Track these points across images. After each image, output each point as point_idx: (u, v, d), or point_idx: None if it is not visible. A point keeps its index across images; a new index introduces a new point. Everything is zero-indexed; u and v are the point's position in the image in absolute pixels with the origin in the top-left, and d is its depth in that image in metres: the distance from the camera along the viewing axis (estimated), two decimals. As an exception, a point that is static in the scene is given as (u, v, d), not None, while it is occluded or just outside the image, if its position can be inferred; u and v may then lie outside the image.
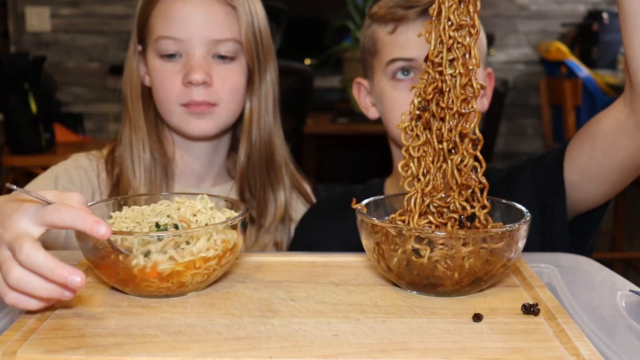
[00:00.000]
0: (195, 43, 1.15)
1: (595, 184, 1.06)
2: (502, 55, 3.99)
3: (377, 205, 0.90)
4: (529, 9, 3.99)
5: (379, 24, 1.20)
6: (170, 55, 1.17)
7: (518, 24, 4.01)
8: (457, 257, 0.76)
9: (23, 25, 3.98)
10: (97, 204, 0.89)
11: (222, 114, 1.19)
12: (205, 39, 1.16)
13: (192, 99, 1.16)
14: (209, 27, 1.16)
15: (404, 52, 1.16)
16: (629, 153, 1.00)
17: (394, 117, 1.18)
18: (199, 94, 1.16)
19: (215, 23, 1.17)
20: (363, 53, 1.26)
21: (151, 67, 1.19)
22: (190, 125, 1.18)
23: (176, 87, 1.17)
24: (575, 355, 0.65)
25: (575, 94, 3.25)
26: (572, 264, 0.96)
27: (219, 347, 0.67)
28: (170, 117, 1.20)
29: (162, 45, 1.17)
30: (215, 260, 0.80)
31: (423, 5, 1.14)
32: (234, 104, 1.20)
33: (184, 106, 1.17)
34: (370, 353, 0.66)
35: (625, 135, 0.98)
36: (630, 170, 1.03)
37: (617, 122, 0.99)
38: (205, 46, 1.16)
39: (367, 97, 1.27)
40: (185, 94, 1.16)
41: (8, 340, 0.68)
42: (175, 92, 1.17)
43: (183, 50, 1.17)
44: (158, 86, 1.19)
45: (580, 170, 1.06)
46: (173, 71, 1.17)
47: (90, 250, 0.79)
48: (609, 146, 1.01)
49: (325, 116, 3.40)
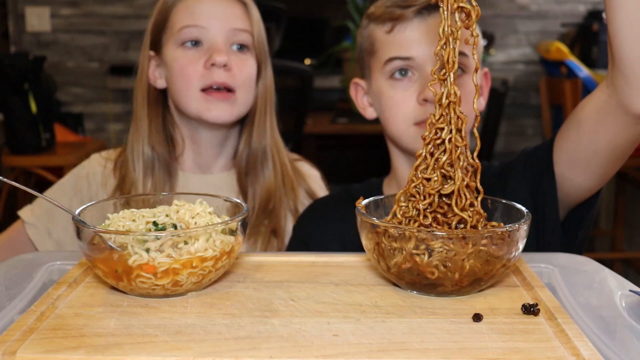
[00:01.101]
0: (216, 31, 1.25)
1: (584, 170, 1.07)
2: (502, 55, 3.99)
3: (377, 205, 0.90)
4: (529, 9, 3.99)
5: (376, 23, 1.20)
6: (193, 43, 1.25)
7: (518, 24, 4.01)
8: (457, 258, 0.76)
9: (23, 25, 3.99)
10: (97, 204, 0.89)
11: (239, 101, 1.27)
12: (226, 27, 1.26)
13: (214, 80, 1.24)
14: (228, 18, 1.27)
15: (401, 51, 1.16)
16: (613, 134, 1.00)
17: (392, 116, 1.19)
18: (220, 76, 1.24)
19: (234, 15, 1.27)
20: (360, 53, 1.26)
21: (171, 58, 1.27)
22: (209, 112, 1.25)
23: (197, 71, 1.25)
24: (575, 355, 0.65)
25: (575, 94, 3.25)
26: (572, 264, 0.96)
27: (219, 347, 0.67)
28: (189, 104, 1.26)
29: (186, 34, 1.25)
30: (212, 262, 0.80)
31: (420, 4, 1.15)
32: (249, 93, 1.29)
33: (204, 92, 1.25)
34: (370, 353, 0.66)
35: (608, 116, 0.99)
36: (617, 153, 1.03)
37: (600, 103, 1.00)
38: (225, 34, 1.26)
39: (364, 97, 1.28)
40: (207, 76, 1.24)
41: (8, 340, 0.68)
42: (196, 76, 1.25)
43: (205, 38, 1.26)
44: (178, 72, 1.26)
45: (568, 158, 1.07)
46: (195, 57, 1.25)
47: (88, 248, 0.80)
48: (593, 129, 1.01)
49: (325, 116, 3.40)
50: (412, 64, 1.16)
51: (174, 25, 1.27)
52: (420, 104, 1.15)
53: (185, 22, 1.25)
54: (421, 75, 1.15)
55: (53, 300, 0.78)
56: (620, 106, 0.96)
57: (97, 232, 0.79)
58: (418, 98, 1.15)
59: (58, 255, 1.01)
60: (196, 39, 1.26)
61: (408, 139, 1.18)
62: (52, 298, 0.78)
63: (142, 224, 0.85)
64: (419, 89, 1.15)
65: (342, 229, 1.22)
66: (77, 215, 0.83)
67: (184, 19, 1.26)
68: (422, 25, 1.15)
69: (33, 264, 0.95)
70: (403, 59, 1.16)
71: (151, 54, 1.31)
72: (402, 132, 1.18)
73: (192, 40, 1.26)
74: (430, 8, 1.15)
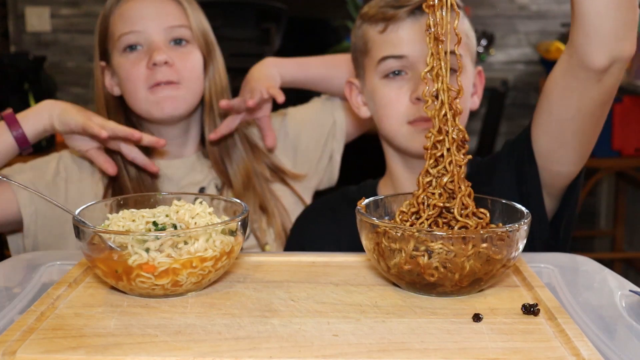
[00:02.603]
0: (152, 31, 1.29)
1: (560, 145, 1.07)
2: (502, 55, 3.99)
3: (377, 205, 0.90)
4: (529, 9, 3.99)
5: (369, 23, 1.21)
6: (132, 48, 1.30)
7: (518, 24, 4.00)
8: (457, 259, 0.76)
9: (23, 25, 3.98)
10: (97, 204, 0.89)
11: (186, 93, 1.31)
12: (161, 26, 1.30)
13: (157, 79, 1.28)
14: (162, 17, 1.30)
15: (394, 50, 1.17)
16: (579, 96, 1.00)
17: (386, 115, 1.20)
18: (163, 74, 1.28)
19: (168, 13, 1.31)
20: (354, 53, 1.27)
21: (117, 66, 1.32)
22: (159, 107, 1.29)
23: (141, 72, 1.28)
24: (575, 355, 0.65)
25: (575, 94, 3.24)
26: (572, 264, 0.96)
27: (219, 347, 0.67)
28: (139, 105, 1.31)
29: (124, 40, 1.30)
30: (212, 262, 0.80)
31: (413, 4, 1.16)
32: (195, 83, 1.32)
33: (150, 90, 1.29)
34: (370, 353, 0.66)
35: (571, 77, 0.99)
36: (587, 119, 1.02)
37: (563, 66, 1.00)
38: (161, 33, 1.30)
39: (358, 97, 1.29)
40: (151, 77, 1.28)
41: (8, 340, 0.68)
42: (141, 78, 1.28)
43: (143, 40, 1.30)
44: (125, 77, 1.30)
45: (544, 133, 1.07)
46: (136, 60, 1.29)
47: (88, 247, 0.80)
48: (561, 95, 1.02)
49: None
50: (405, 63, 1.17)
51: (114, 34, 1.31)
52: (413, 103, 1.16)
53: (122, 30, 1.30)
54: (414, 74, 1.16)
55: (53, 300, 0.78)
56: (580, 64, 0.96)
57: (97, 232, 0.79)
58: (411, 97, 1.16)
59: (58, 255, 1.01)
60: (135, 43, 1.30)
61: (402, 138, 1.19)
62: (52, 298, 0.78)
63: (142, 224, 0.85)
64: (412, 88, 1.16)
65: (337, 231, 1.23)
66: (77, 215, 0.83)
67: (121, 27, 1.30)
68: (414, 25, 1.16)
69: (33, 264, 0.95)
70: (396, 58, 1.17)
71: (102, 64, 1.35)
72: (395, 131, 1.19)
73: (131, 45, 1.30)
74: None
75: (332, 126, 1.45)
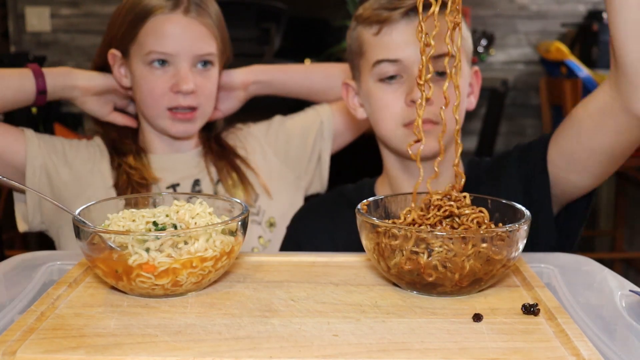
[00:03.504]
0: (182, 57, 1.32)
1: (582, 170, 1.07)
2: (502, 55, 3.99)
3: (377, 205, 0.90)
4: (529, 9, 3.99)
5: (364, 25, 1.21)
6: (160, 62, 1.33)
7: (518, 24, 4.00)
8: (457, 258, 0.76)
9: (23, 25, 3.98)
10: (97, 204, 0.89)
11: (201, 117, 1.37)
12: (192, 53, 1.33)
13: (179, 103, 1.33)
14: (194, 44, 1.33)
15: (388, 54, 1.17)
16: (615, 135, 1.00)
17: (381, 118, 1.20)
18: (186, 100, 1.33)
19: (198, 40, 1.34)
20: (350, 54, 1.27)
21: (139, 75, 1.34)
22: (174, 128, 1.35)
23: (165, 93, 1.33)
24: (575, 355, 0.65)
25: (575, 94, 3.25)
26: (572, 264, 0.96)
27: (219, 347, 0.67)
28: (156, 120, 1.36)
29: (153, 56, 1.32)
30: (212, 262, 0.80)
31: (407, 7, 1.15)
32: (210, 107, 1.38)
33: (170, 111, 1.34)
34: (370, 353, 0.66)
35: (610, 117, 0.99)
36: (617, 154, 1.03)
37: (602, 104, 1.00)
38: (190, 60, 1.33)
39: (355, 98, 1.28)
40: (173, 99, 1.33)
41: (8, 340, 0.68)
42: (163, 98, 1.33)
43: (171, 61, 1.33)
44: (147, 92, 1.34)
45: (565, 157, 1.07)
46: (162, 79, 1.33)
47: (88, 247, 0.80)
48: (594, 129, 1.02)
49: (325, 116, 3.39)
50: (399, 67, 1.16)
51: (142, 46, 1.32)
52: (408, 105, 1.15)
53: (153, 47, 1.31)
54: (409, 77, 1.16)
55: (53, 300, 0.78)
56: (622, 108, 0.96)
57: (97, 232, 0.79)
58: (406, 99, 1.16)
59: (58, 255, 1.01)
60: (163, 60, 1.33)
61: (397, 140, 1.19)
62: (52, 298, 0.78)
63: (142, 224, 0.85)
64: (407, 90, 1.16)
65: (333, 230, 1.23)
66: (77, 215, 0.83)
67: (152, 44, 1.31)
68: (409, 27, 1.15)
69: (33, 264, 0.95)
70: (391, 62, 1.16)
71: (116, 54, 1.36)
72: (391, 134, 1.19)
73: (159, 60, 1.32)
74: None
75: (320, 126, 1.47)
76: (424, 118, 1.12)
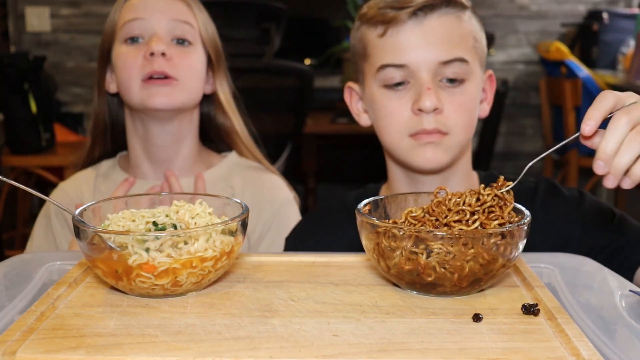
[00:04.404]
0: (156, 23, 1.28)
1: None
2: (502, 55, 3.99)
3: (377, 205, 0.90)
4: (529, 9, 3.99)
5: (368, 25, 1.13)
6: (134, 39, 1.29)
7: (518, 24, 4.01)
8: (456, 258, 0.76)
9: (23, 25, 3.99)
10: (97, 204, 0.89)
11: (181, 90, 1.29)
12: (165, 18, 1.29)
13: (153, 69, 1.26)
14: (168, 9, 1.30)
15: (394, 58, 1.09)
16: None
17: (386, 127, 1.12)
18: (160, 64, 1.26)
19: (174, 8, 1.30)
20: (354, 56, 1.19)
21: (116, 55, 1.31)
22: (150, 98, 1.27)
23: (137, 62, 1.27)
24: (575, 355, 0.65)
25: (575, 94, 3.25)
26: (572, 264, 0.96)
27: (219, 347, 0.67)
28: (132, 95, 1.29)
29: (127, 28, 1.29)
30: (212, 262, 0.80)
31: (415, 6, 1.08)
32: (192, 81, 1.31)
33: (145, 82, 1.27)
34: (370, 353, 0.66)
35: None
36: None
37: None
38: (165, 26, 1.29)
39: (359, 103, 1.21)
40: (147, 66, 1.26)
41: (8, 340, 0.68)
42: (137, 67, 1.27)
43: (146, 32, 1.29)
44: (121, 66, 1.29)
45: None
46: (136, 52, 1.28)
47: (87, 247, 0.80)
48: None
49: (325, 116, 3.40)
50: (406, 72, 1.09)
51: (118, 24, 1.31)
52: (415, 114, 1.09)
53: (127, 17, 1.29)
54: (416, 83, 1.09)
55: (53, 300, 0.78)
56: None
57: (97, 232, 0.79)
58: (412, 108, 1.08)
59: (58, 255, 1.01)
60: (137, 35, 1.29)
61: (402, 151, 1.12)
62: (52, 298, 0.78)
63: (142, 224, 0.85)
64: (414, 98, 1.08)
65: (334, 242, 1.16)
66: (77, 215, 0.83)
67: (126, 14, 1.30)
68: (417, 29, 1.08)
69: (33, 264, 0.95)
70: (396, 67, 1.09)
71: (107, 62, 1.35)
72: (396, 144, 1.12)
73: (134, 36, 1.29)
74: (426, 9, 1.08)
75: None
76: (432, 128, 1.08)
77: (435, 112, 1.08)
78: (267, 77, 2.91)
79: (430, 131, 1.09)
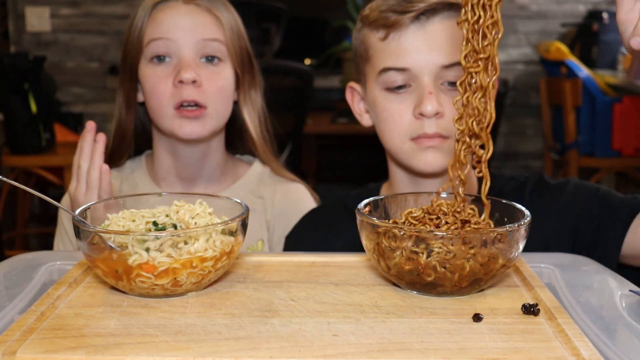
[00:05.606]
0: (183, 43, 1.23)
1: None
2: (502, 55, 3.99)
3: (377, 205, 0.90)
4: (529, 9, 3.99)
5: (370, 28, 1.12)
6: (160, 58, 1.24)
7: (518, 24, 4.01)
8: (456, 258, 0.76)
9: (23, 25, 3.99)
10: (97, 204, 0.89)
11: (211, 117, 1.26)
12: (193, 39, 1.23)
13: (183, 97, 1.22)
14: (196, 29, 1.24)
15: (396, 62, 1.09)
16: None
17: (387, 130, 1.13)
18: (189, 93, 1.22)
19: (201, 25, 1.25)
20: (355, 57, 1.19)
21: (143, 75, 1.27)
22: (182, 129, 1.24)
23: (168, 89, 1.24)
24: (575, 355, 0.65)
25: (575, 94, 3.25)
26: (572, 264, 0.96)
27: (219, 347, 0.67)
28: (163, 122, 1.26)
29: (153, 47, 1.24)
30: (212, 262, 0.80)
31: (417, 11, 1.07)
32: (222, 105, 1.27)
33: (176, 110, 1.24)
34: (370, 353, 0.66)
35: None
36: None
37: None
38: (193, 47, 1.24)
39: (360, 103, 1.21)
40: (177, 94, 1.23)
41: (8, 340, 0.68)
42: (167, 95, 1.24)
43: (173, 52, 1.24)
44: (150, 90, 1.25)
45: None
46: (164, 74, 1.25)
47: (88, 247, 0.80)
48: None
49: (325, 116, 3.40)
50: (407, 76, 1.09)
51: (143, 39, 1.25)
52: (416, 118, 1.08)
53: (152, 35, 1.24)
54: (418, 86, 1.09)
55: (53, 300, 0.78)
56: None
57: (97, 232, 0.79)
58: (414, 111, 1.08)
59: (58, 255, 1.01)
60: (164, 54, 1.25)
61: (404, 155, 1.12)
62: (52, 298, 0.78)
63: (142, 224, 0.85)
64: (416, 102, 1.08)
65: (334, 242, 1.16)
66: (77, 215, 0.83)
67: (151, 32, 1.24)
68: (419, 33, 1.08)
69: (33, 264, 0.95)
70: (398, 70, 1.09)
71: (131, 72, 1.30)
72: (397, 147, 1.12)
73: (160, 55, 1.25)
74: (429, 13, 1.08)
75: None
76: (433, 132, 1.08)
77: (436, 116, 1.08)
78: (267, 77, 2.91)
79: (432, 135, 1.09)
